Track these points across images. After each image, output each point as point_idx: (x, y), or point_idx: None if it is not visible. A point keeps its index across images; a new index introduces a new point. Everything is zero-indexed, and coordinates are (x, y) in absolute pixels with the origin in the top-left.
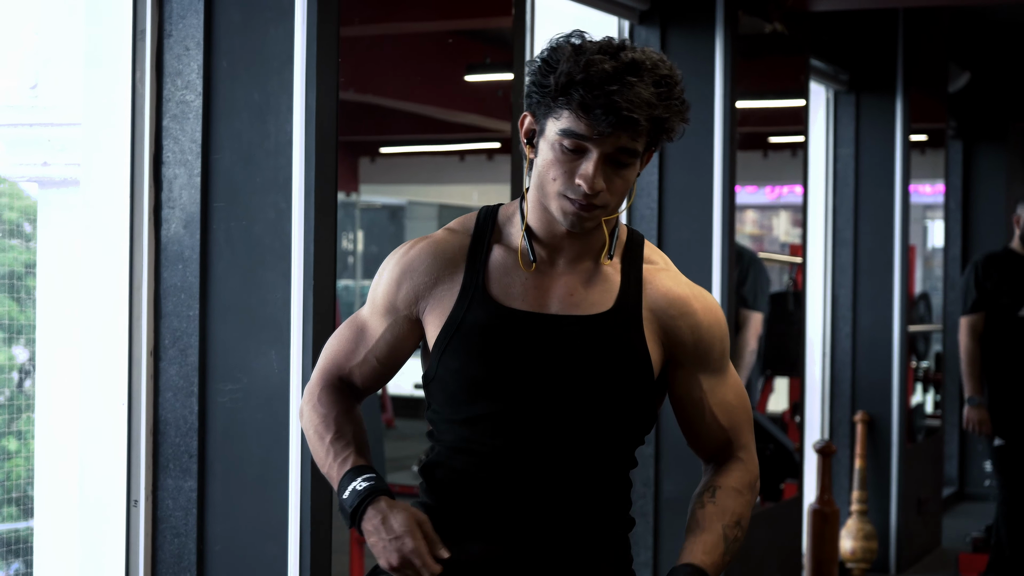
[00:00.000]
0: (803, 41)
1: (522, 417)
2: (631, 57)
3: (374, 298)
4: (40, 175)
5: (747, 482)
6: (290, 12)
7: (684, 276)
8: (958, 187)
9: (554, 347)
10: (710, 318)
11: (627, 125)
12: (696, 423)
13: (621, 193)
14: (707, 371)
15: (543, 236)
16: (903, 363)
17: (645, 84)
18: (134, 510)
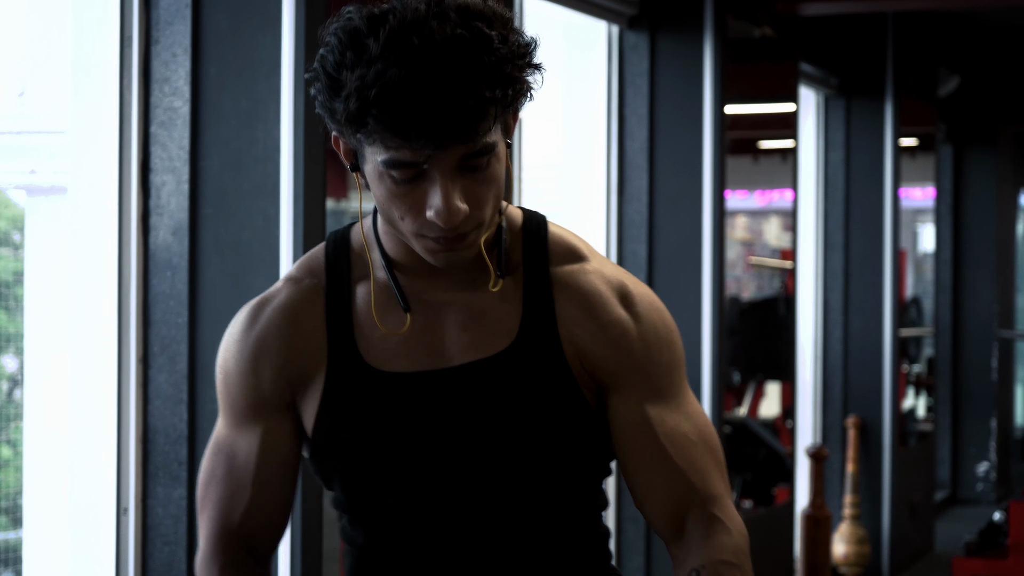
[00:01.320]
0: (793, 46)
1: (441, 502)
2: (425, 34)
3: (229, 405)
4: (28, 183)
5: (737, 548)
6: (277, 18)
7: (610, 264)
8: (948, 191)
9: (457, 407)
10: (645, 322)
11: (462, 134)
12: (643, 470)
13: (492, 199)
14: (649, 395)
15: (411, 267)
16: (895, 367)
17: (459, 65)
18: (124, 518)
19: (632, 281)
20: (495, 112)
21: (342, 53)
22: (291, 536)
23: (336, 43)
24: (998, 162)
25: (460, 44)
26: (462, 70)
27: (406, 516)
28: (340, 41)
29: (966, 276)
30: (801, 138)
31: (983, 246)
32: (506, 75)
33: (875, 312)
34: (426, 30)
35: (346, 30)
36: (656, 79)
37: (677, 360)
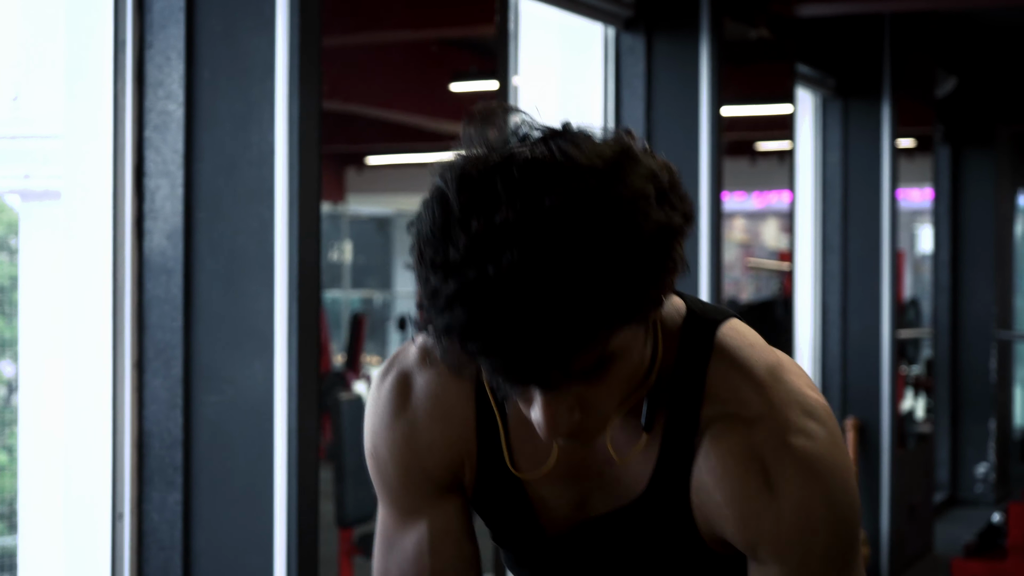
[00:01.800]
0: (790, 47)
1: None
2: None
3: (389, 495)
4: (22, 187)
5: None
6: (272, 21)
7: (796, 400)
8: (946, 192)
9: (584, 554)
10: (795, 501)
11: (546, 379)
12: None
13: (618, 394)
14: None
15: None
16: (893, 369)
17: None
18: (119, 523)
19: (807, 439)
20: (601, 340)
21: (426, 238)
22: (287, 541)
23: (427, 214)
24: (996, 163)
25: (549, 275)
26: (550, 310)
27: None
28: (431, 216)
29: (964, 277)
30: (799, 139)
31: (981, 247)
32: (621, 297)
33: (873, 313)
34: (513, 247)
35: (439, 200)
36: (652, 81)
37: (838, 549)
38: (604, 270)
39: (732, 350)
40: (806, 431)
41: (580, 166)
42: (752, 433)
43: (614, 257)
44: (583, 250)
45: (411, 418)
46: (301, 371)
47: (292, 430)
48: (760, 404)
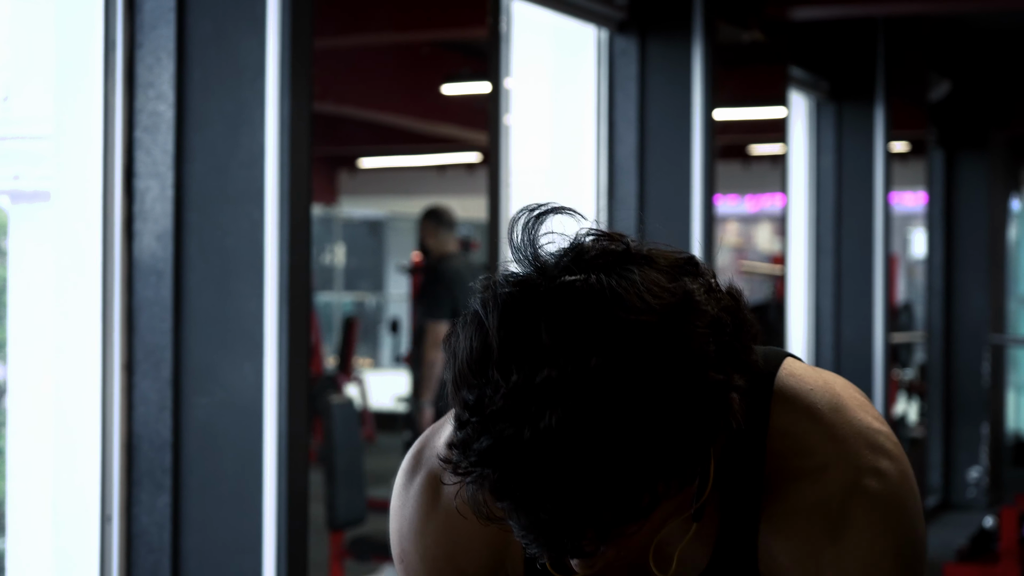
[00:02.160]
0: (783, 50)
1: None
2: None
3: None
4: (11, 188)
5: None
6: (262, 22)
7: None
8: (940, 196)
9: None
10: (861, 553)
11: (572, 551)
12: None
13: (655, 531)
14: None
15: None
16: (886, 372)
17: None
18: (108, 526)
19: (879, 480)
20: (642, 511)
21: (462, 374)
22: (276, 543)
23: (464, 342)
24: (989, 166)
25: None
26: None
27: None
28: (469, 347)
29: (957, 281)
30: (792, 143)
31: (974, 251)
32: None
33: (866, 317)
34: (552, 409)
35: (479, 332)
36: (645, 83)
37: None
38: (651, 441)
39: (792, 398)
40: (877, 470)
41: (633, 318)
42: (820, 483)
43: (664, 427)
44: (629, 419)
45: (444, 520)
46: (291, 373)
47: (282, 432)
48: (826, 450)
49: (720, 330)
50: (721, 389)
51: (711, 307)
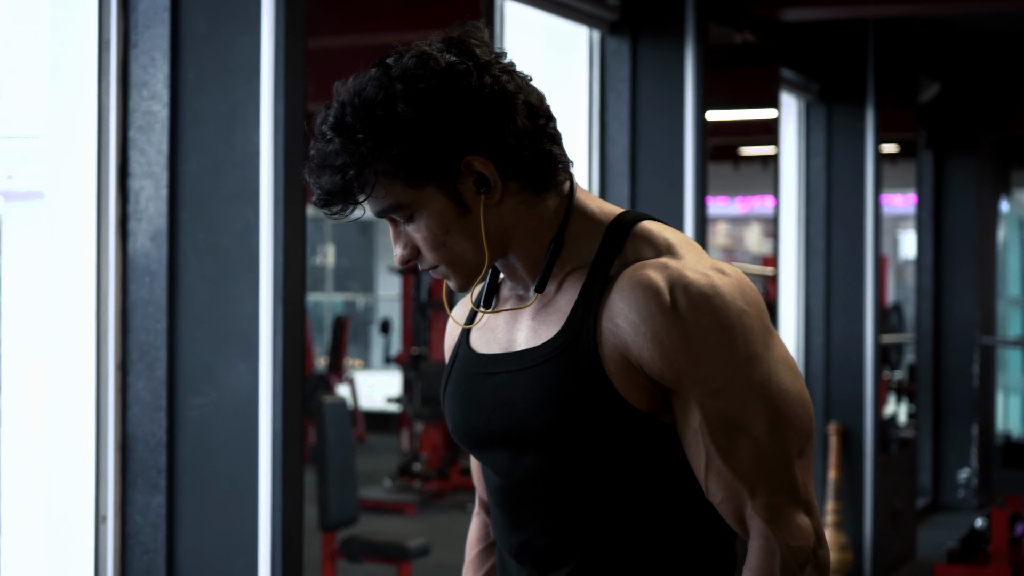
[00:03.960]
0: (774, 52)
1: (502, 484)
2: (316, 142)
3: None
4: (4, 188)
5: (775, 565)
6: (257, 22)
7: (693, 260)
8: (929, 197)
9: (505, 385)
10: (694, 310)
11: (333, 206)
12: (700, 472)
13: (433, 246)
14: (702, 394)
15: (503, 272)
16: (876, 374)
17: (318, 171)
18: (102, 526)
19: (697, 274)
20: (367, 189)
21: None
22: (271, 544)
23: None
24: (979, 168)
25: (322, 146)
26: (322, 170)
27: (494, 499)
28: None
29: (947, 282)
30: (782, 144)
31: (964, 252)
32: (354, 161)
33: (857, 318)
34: (322, 121)
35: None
36: (637, 85)
37: (740, 358)
38: (373, 134)
39: (657, 229)
40: (700, 272)
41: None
42: (663, 269)
43: (379, 127)
44: (342, 125)
45: (450, 322)
46: (286, 373)
47: (276, 432)
48: (680, 256)
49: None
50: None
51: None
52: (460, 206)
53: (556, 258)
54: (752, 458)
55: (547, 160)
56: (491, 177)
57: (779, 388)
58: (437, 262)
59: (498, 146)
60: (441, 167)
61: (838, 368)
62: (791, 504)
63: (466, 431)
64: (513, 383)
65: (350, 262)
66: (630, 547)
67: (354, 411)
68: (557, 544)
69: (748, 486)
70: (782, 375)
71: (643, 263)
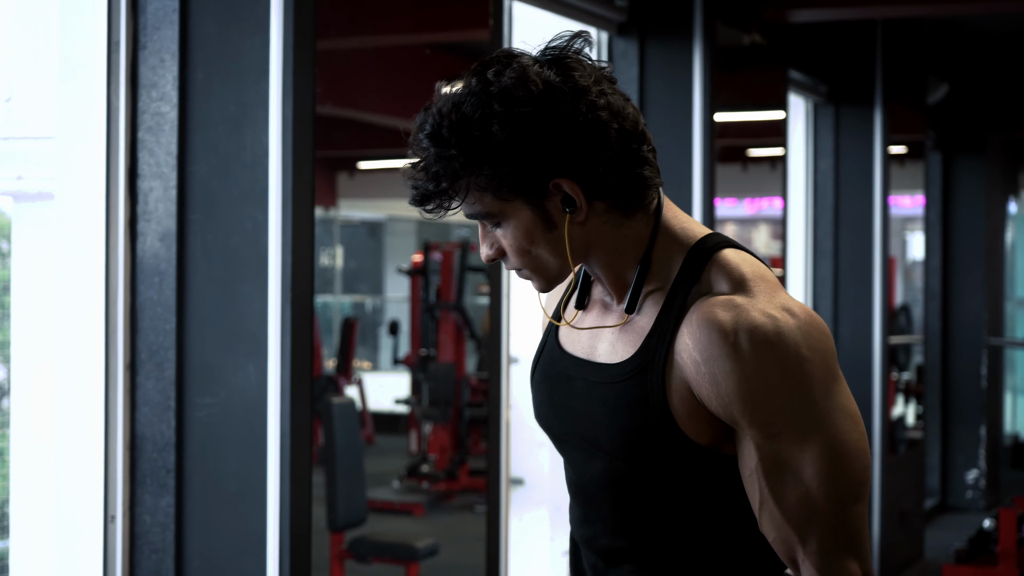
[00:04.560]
0: (782, 53)
1: (575, 479)
2: (417, 142)
3: None
4: (14, 189)
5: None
6: (266, 23)
7: (765, 299)
8: (938, 198)
9: (582, 398)
10: (755, 357)
11: (432, 209)
12: (757, 512)
13: (519, 253)
14: (762, 438)
15: (601, 288)
16: (884, 374)
17: (418, 174)
18: (111, 526)
19: (766, 318)
20: (462, 195)
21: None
22: (279, 544)
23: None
24: (987, 170)
25: (423, 148)
26: (422, 173)
27: (565, 463)
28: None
29: (955, 284)
30: (790, 146)
31: (972, 254)
32: (453, 173)
33: (864, 320)
34: (416, 135)
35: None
36: (645, 86)
37: (796, 405)
38: (467, 151)
39: (737, 259)
40: (770, 317)
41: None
42: (731, 307)
43: (474, 145)
44: (460, 135)
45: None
46: (294, 374)
47: (285, 432)
48: (753, 293)
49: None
50: (520, 132)
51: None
52: (546, 221)
53: (644, 279)
54: (802, 504)
55: (636, 182)
56: (577, 199)
57: (835, 436)
58: (521, 267)
59: (587, 171)
60: (530, 186)
61: (846, 369)
62: (841, 551)
63: (547, 423)
64: (590, 394)
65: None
66: (685, 563)
67: (363, 412)
68: (618, 545)
69: (798, 531)
70: (839, 423)
71: (714, 299)
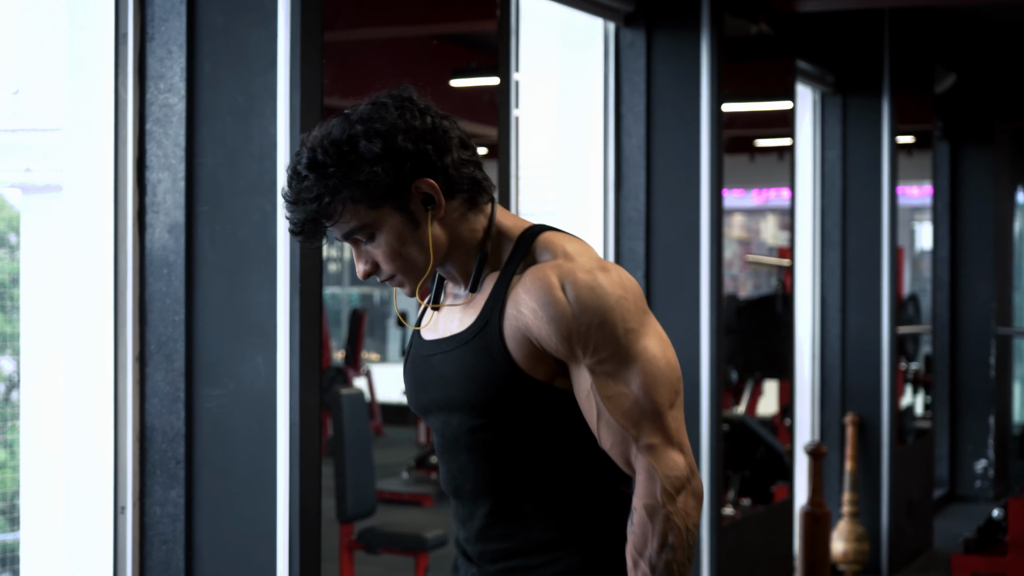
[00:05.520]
0: (789, 43)
1: (438, 441)
2: (288, 181)
3: None
4: (23, 181)
5: (656, 491)
6: (273, 14)
7: (585, 261)
8: (945, 188)
9: (437, 366)
10: (580, 298)
11: (306, 238)
12: (595, 425)
13: (391, 258)
14: (593, 363)
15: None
16: (892, 365)
17: (290, 207)
18: (121, 518)
19: (584, 272)
20: (334, 214)
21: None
22: (289, 535)
23: None
24: (995, 159)
25: (291, 183)
26: (294, 205)
27: (437, 454)
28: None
29: (963, 273)
30: (798, 136)
31: (980, 243)
32: (320, 196)
33: (873, 310)
34: (296, 163)
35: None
36: (653, 77)
37: (618, 332)
38: (342, 166)
39: (557, 237)
40: (586, 271)
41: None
42: (557, 268)
43: (346, 160)
44: (333, 155)
45: None
46: (303, 365)
47: (294, 423)
48: (573, 257)
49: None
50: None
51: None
52: (412, 221)
53: (483, 265)
54: (633, 409)
55: (476, 183)
56: (436, 196)
57: (651, 355)
58: (394, 272)
59: (440, 171)
60: (397, 190)
61: (854, 359)
62: (666, 444)
63: (416, 402)
64: (444, 361)
65: None
66: (537, 487)
67: (371, 404)
68: (479, 487)
69: (632, 430)
70: (653, 345)
71: (542, 264)
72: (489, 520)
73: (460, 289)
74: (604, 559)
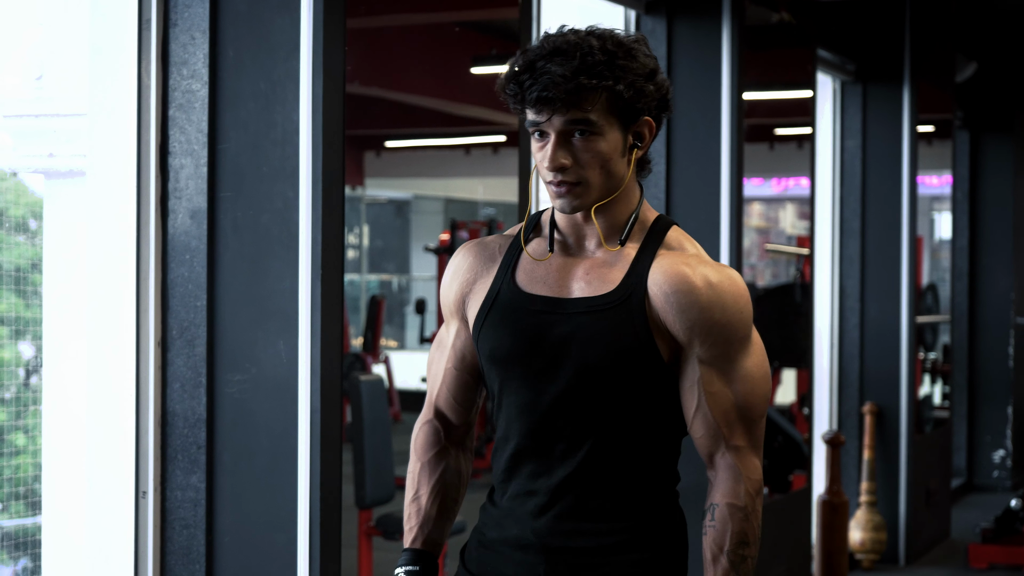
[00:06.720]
0: (810, 31)
1: (533, 399)
2: (555, 40)
3: (442, 308)
4: (46, 166)
5: (740, 491)
6: (296, 1)
7: (708, 262)
8: (965, 178)
9: (558, 327)
10: (711, 295)
11: (546, 103)
12: (691, 413)
13: (595, 165)
14: (706, 356)
15: (564, 226)
16: (911, 354)
17: (560, 63)
18: (142, 502)
19: (716, 272)
20: (590, 98)
21: (517, 56)
22: (309, 520)
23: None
24: (1015, 148)
25: (573, 48)
26: (569, 67)
27: (516, 411)
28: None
29: (982, 263)
30: (818, 125)
31: (1000, 233)
32: (608, 79)
33: (892, 299)
34: (559, 39)
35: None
36: (673, 65)
37: (737, 329)
38: (593, 58)
39: (683, 234)
40: (718, 272)
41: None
42: (693, 263)
43: (599, 57)
44: (588, 46)
45: (458, 257)
46: (324, 350)
47: (315, 409)
48: (699, 257)
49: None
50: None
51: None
52: (625, 145)
53: (635, 226)
54: (731, 410)
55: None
56: (649, 138)
57: (755, 364)
58: (588, 179)
59: (659, 121)
60: (633, 112)
61: (873, 348)
62: (751, 448)
63: (511, 355)
64: (570, 323)
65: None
66: (618, 460)
67: (389, 390)
68: (569, 447)
69: (725, 429)
70: (758, 356)
71: (682, 254)
72: (565, 483)
73: (574, 243)
74: (673, 549)
